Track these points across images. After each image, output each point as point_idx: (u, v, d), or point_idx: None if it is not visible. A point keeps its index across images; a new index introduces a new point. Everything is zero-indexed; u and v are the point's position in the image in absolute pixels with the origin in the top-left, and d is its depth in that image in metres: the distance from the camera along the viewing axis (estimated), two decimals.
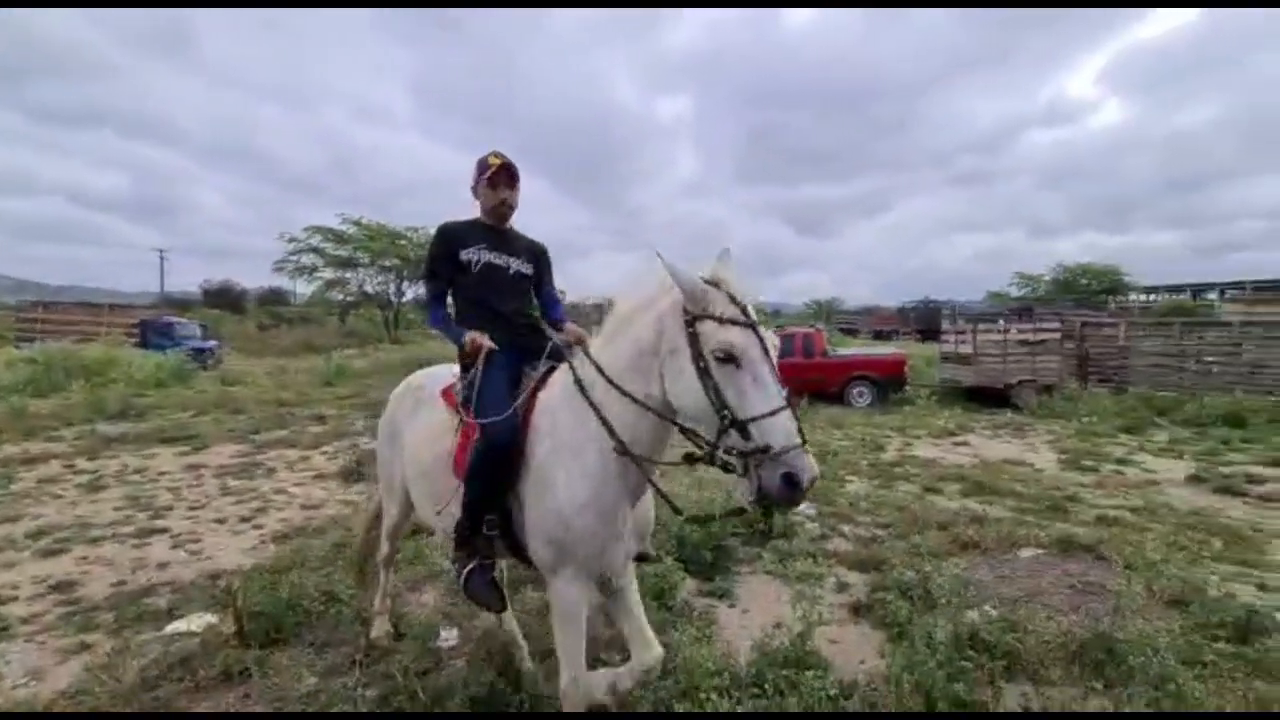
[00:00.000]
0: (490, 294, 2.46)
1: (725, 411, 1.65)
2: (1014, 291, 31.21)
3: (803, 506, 1.96)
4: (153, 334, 19.24)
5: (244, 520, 5.15)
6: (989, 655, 2.94)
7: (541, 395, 2.21)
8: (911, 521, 4.92)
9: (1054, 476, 6.67)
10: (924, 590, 3.60)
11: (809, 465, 1.59)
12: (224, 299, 40.62)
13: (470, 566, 2.18)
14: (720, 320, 1.69)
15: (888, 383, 12.23)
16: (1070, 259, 33.34)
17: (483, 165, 2.45)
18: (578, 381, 2.05)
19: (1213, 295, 29.63)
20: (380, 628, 3.13)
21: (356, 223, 29.43)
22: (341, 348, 25.08)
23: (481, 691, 2.59)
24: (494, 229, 2.52)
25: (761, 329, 1.72)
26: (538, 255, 2.66)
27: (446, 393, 2.55)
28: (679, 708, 2.45)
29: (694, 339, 1.72)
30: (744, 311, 1.72)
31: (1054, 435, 8.85)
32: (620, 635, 2.32)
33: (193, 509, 5.43)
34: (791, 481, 1.58)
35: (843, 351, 13.99)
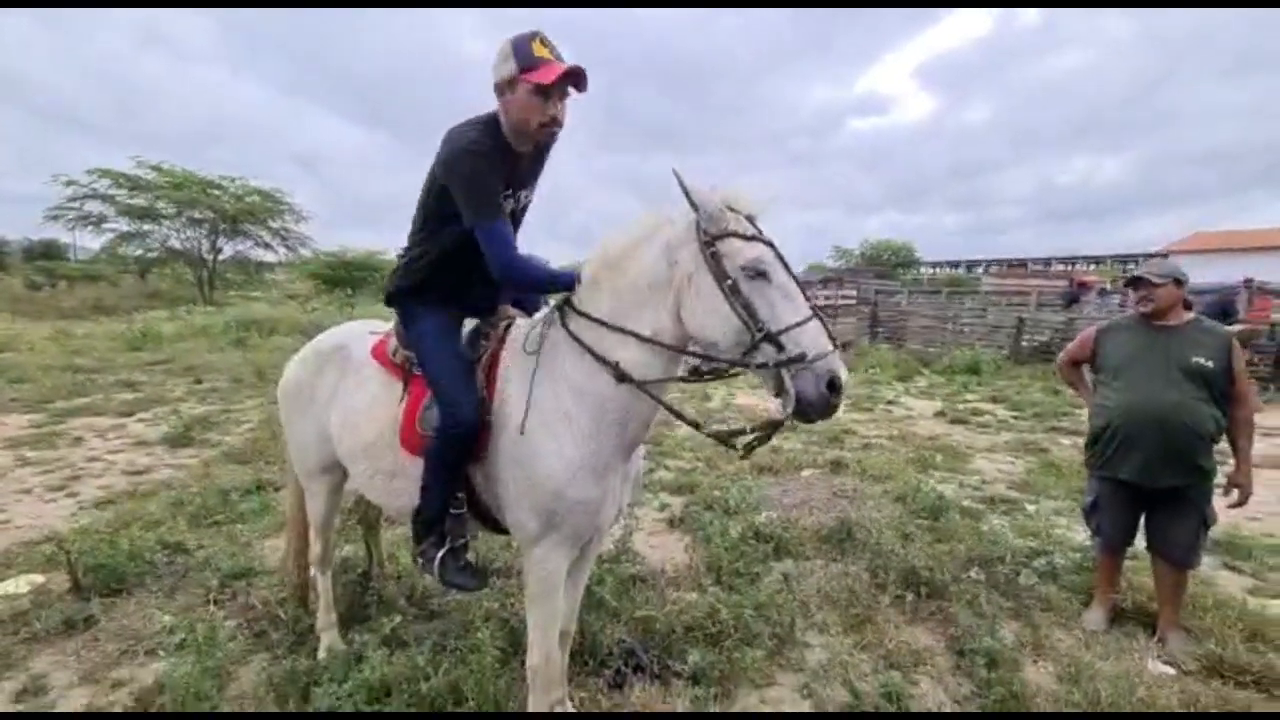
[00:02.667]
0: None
1: (759, 325, 1.60)
2: (830, 263, 35.38)
3: (642, 450, 2.08)
4: None
5: (55, 489, 4.81)
6: (765, 543, 3.84)
7: (507, 350, 2.01)
8: (724, 456, 5.85)
9: (839, 416, 8.08)
10: (724, 503, 4.47)
11: (845, 371, 1.61)
12: None
13: (442, 553, 1.98)
14: (745, 237, 1.67)
15: None
16: (876, 236, 38.18)
17: (525, 54, 1.75)
18: (569, 332, 1.89)
19: (980, 270, 35.71)
20: (329, 642, 2.69)
21: (156, 168, 25.55)
22: (144, 309, 22.03)
23: (341, 608, 2.93)
24: (517, 154, 1.92)
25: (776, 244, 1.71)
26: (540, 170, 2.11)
27: (378, 351, 2.26)
28: None
29: (716, 258, 1.67)
30: (760, 231, 1.71)
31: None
32: None
33: None
34: (834, 386, 1.57)
35: None
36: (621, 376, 1.81)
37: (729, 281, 1.65)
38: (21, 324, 18.31)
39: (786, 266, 1.69)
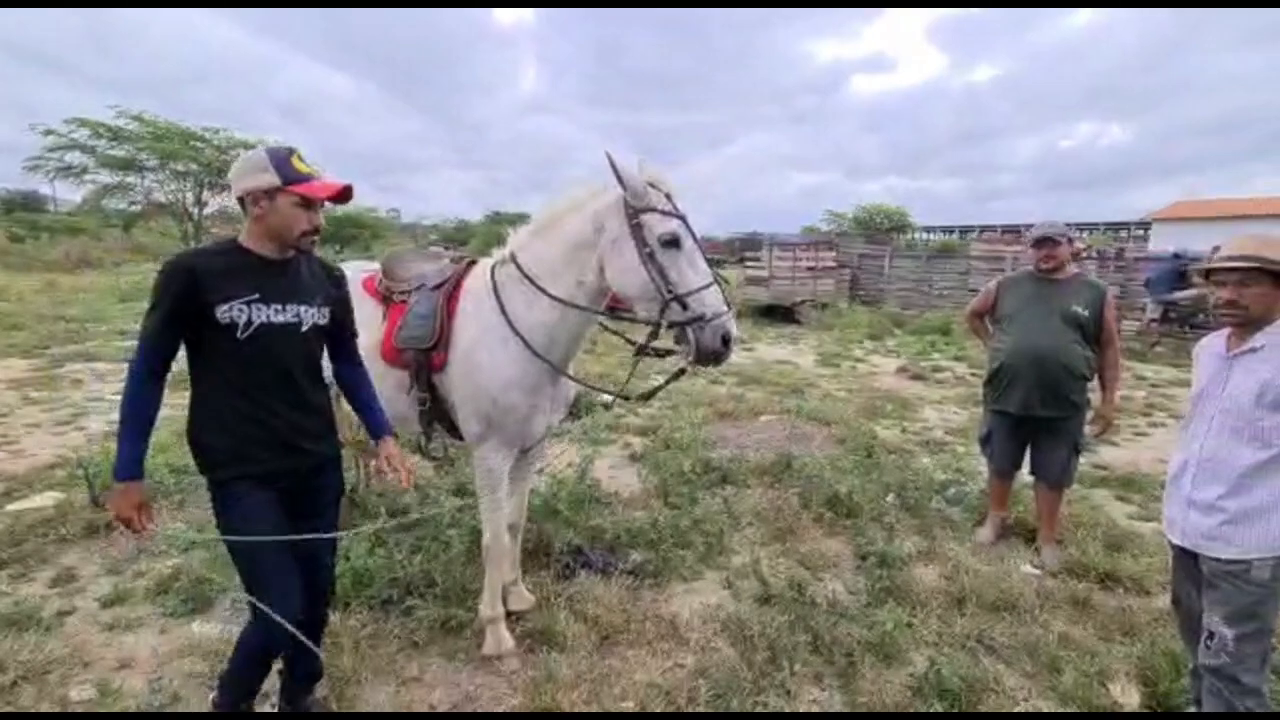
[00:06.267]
0: (265, 377, 1.73)
1: (669, 288, 1.97)
2: (823, 226, 35.48)
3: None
4: None
5: (62, 424, 5.20)
6: (712, 473, 4.30)
7: (466, 284, 2.42)
8: (690, 403, 6.29)
9: (807, 371, 8.54)
10: (680, 442, 4.91)
11: (735, 327, 2.01)
12: None
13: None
14: (663, 213, 2.01)
15: None
16: (873, 199, 38.20)
17: (287, 168, 1.65)
18: (497, 295, 2.27)
19: (973, 235, 35.98)
20: None
21: (137, 118, 25.06)
22: (130, 263, 22.06)
23: None
24: (278, 263, 1.74)
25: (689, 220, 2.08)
26: (338, 291, 1.93)
27: (368, 284, 2.65)
28: None
29: (638, 229, 2.00)
30: (676, 207, 2.07)
31: (819, 342, 10.99)
32: None
33: None
34: (726, 340, 1.96)
35: None
36: (560, 301, 2.20)
37: (647, 249, 2.00)
38: (8, 276, 18.37)
39: (695, 238, 2.05)
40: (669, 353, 2.20)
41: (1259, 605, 1.84)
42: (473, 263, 2.54)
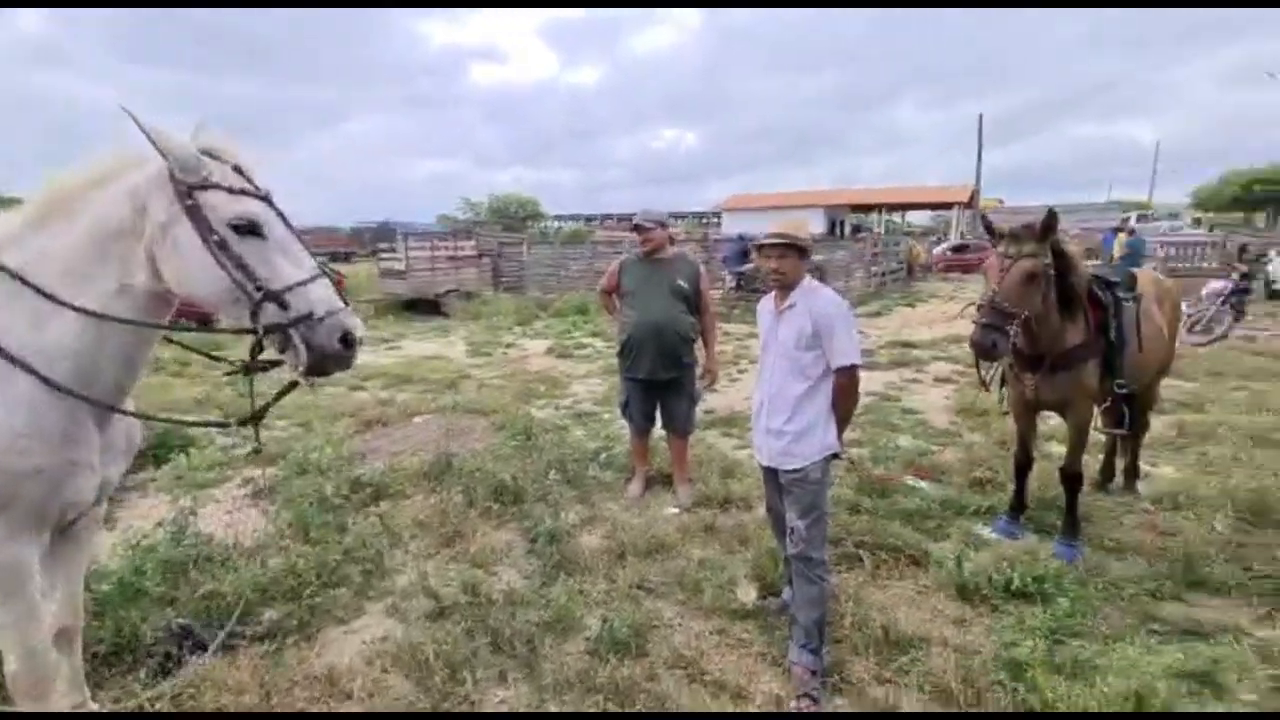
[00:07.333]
0: None
1: (257, 284, 1.54)
2: (460, 215, 35.33)
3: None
4: None
5: None
6: (363, 490, 3.82)
7: None
8: (326, 417, 5.52)
9: (460, 363, 8.38)
10: (318, 465, 4.24)
11: (359, 323, 1.64)
12: None
13: None
14: (232, 191, 1.57)
15: None
16: (504, 189, 39.46)
17: None
18: (12, 275, 1.57)
19: (596, 223, 40.52)
20: None
21: None
22: None
23: None
24: None
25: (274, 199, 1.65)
26: None
27: None
28: None
29: (195, 211, 1.53)
30: (253, 183, 1.62)
31: (469, 332, 10.93)
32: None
33: None
34: (348, 340, 1.59)
35: None
36: (93, 315, 1.59)
37: (216, 237, 1.54)
38: None
39: (286, 221, 1.66)
40: (275, 364, 1.77)
41: (817, 498, 2.40)
42: None
